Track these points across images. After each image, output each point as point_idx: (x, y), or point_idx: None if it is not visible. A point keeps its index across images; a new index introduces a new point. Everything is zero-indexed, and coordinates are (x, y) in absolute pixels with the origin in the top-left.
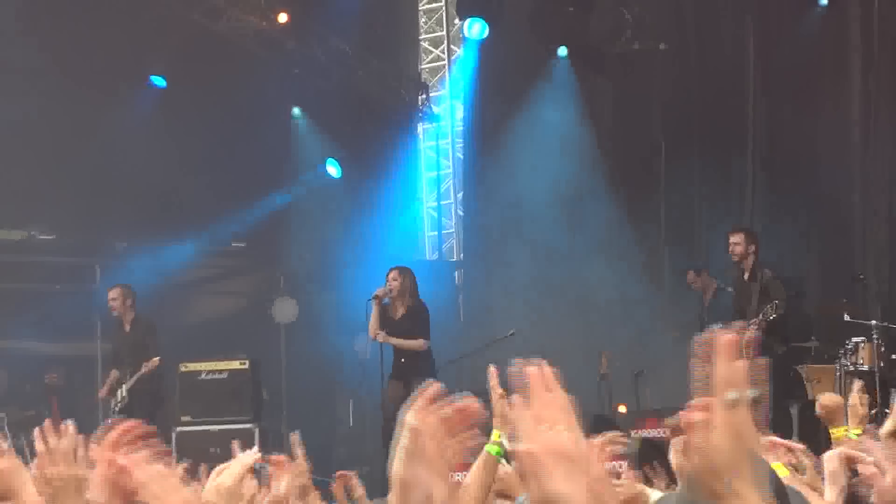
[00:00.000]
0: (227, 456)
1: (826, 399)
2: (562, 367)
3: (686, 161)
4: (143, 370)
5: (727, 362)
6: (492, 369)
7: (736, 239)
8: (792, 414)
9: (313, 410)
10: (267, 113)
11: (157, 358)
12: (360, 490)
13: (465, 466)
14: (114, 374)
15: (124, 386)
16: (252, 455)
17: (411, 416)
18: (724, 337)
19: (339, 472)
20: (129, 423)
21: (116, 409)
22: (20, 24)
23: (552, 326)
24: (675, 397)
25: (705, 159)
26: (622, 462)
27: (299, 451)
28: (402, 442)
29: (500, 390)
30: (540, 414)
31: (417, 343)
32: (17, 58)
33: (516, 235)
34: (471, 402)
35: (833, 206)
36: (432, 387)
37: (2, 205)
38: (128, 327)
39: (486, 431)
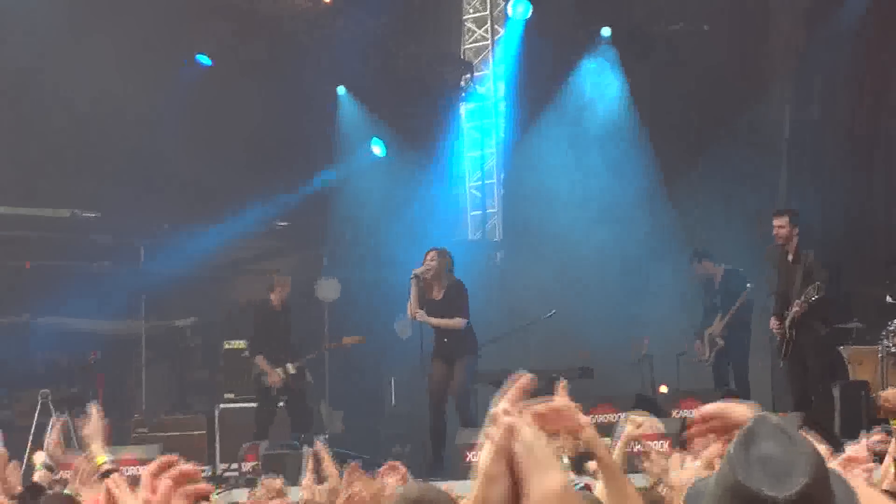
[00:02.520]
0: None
1: (888, 394)
2: (604, 347)
3: (727, 143)
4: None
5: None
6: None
7: (780, 222)
8: (834, 395)
9: (356, 389)
10: (312, 92)
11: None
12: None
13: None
14: (261, 359)
15: (289, 365)
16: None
17: (504, 411)
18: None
19: (389, 463)
20: (173, 461)
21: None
22: (68, 4)
23: (593, 307)
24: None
25: (745, 141)
26: (664, 441)
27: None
28: (490, 434)
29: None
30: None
31: (455, 322)
32: (63, 38)
33: (558, 215)
34: (568, 403)
35: (873, 187)
36: (524, 378)
37: (47, 183)
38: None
39: None
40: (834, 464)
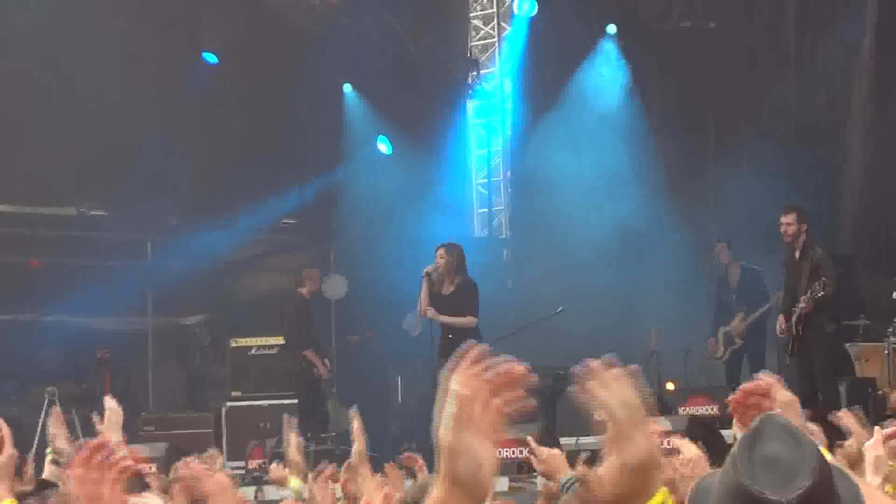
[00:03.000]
0: (276, 430)
1: None
2: (611, 343)
3: (735, 140)
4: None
5: None
6: None
7: (788, 219)
8: (841, 392)
9: (363, 386)
10: (318, 90)
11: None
12: (422, 473)
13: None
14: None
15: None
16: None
17: (456, 383)
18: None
19: (406, 454)
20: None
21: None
22: (75, 1)
23: (601, 304)
24: (723, 375)
25: (754, 138)
26: (671, 438)
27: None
28: (447, 409)
29: None
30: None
31: (466, 320)
32: (72, 34)
33: (564, 212)
34: (516, 365)
35: (882, 184)
36: (475, 348)
37: (54, 182)
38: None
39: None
40: (874, 438)
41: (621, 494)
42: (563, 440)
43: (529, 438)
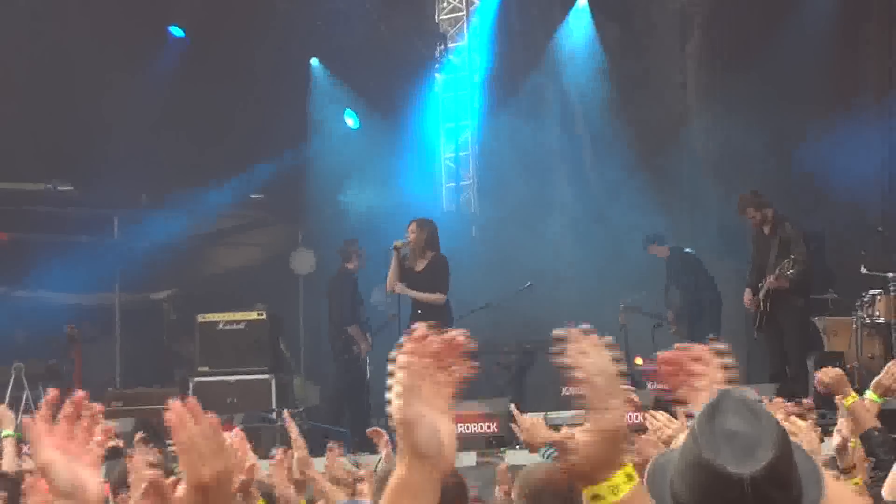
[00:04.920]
0: (243, 406)
1: (823, 374)
2: (579, 318)
3: (709, 112)
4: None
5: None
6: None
7: (750, 213)
8: (809, 366)
9: (331, 362)
10: (286, 64)
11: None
12: (387, 448)
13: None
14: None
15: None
16: None
17: (402, 355)
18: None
19: (372, 429)
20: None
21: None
22: None
23: (570, 279)
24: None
25: (729, 110)
26: (639, 413)
27: (293, 431)
28: (396, 381)
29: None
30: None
31: (435, 297)
32: (38, 8)
33: (534, 187)
34: (457, 335)
35: (853, 157)
36: (420, 327)
37: (23, 157)
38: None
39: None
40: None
41: (593, 463)
42: (530, 415)
43: (512, 407)
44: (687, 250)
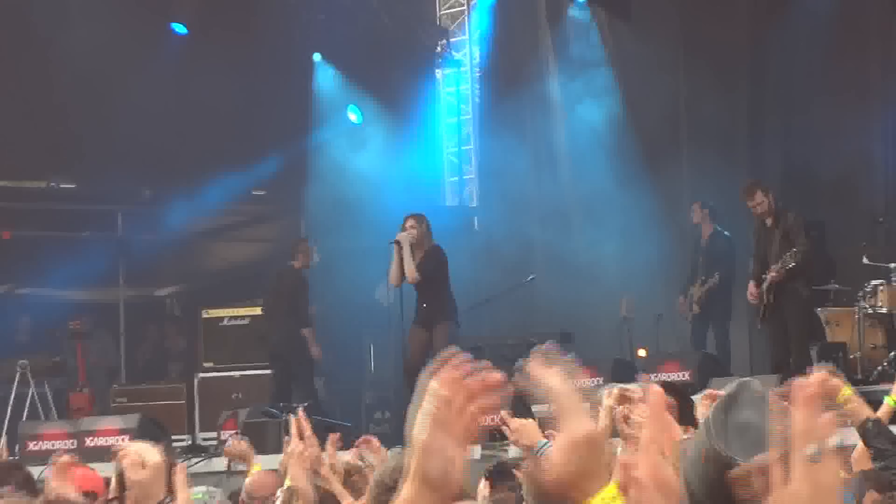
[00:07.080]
0: (248, 402)
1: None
2: (582, 310)
3: (709, 105)
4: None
5: (807, 414)
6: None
7: (757, 199)
8: (812, 357)
9: (334, 356)
10: (288, 59)
11: None
12: (382, 452)
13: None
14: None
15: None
16: None
17: (437, 385)
18: (804, 387)
19: (363, 438)
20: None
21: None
22: None
23: (572, 271)
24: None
25: (728, 104)
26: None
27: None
28: (426, 408)
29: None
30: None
31: (413, 273)
32: (41, 6)
33: (534, 180)
34: (495, 375)
35: (855, 147)
36: (457, 354)
37: (23, 155)
38: None
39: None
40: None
41: (572, 473)
42: (535, 408)
43: (504, 413)
44: (728, 234)
